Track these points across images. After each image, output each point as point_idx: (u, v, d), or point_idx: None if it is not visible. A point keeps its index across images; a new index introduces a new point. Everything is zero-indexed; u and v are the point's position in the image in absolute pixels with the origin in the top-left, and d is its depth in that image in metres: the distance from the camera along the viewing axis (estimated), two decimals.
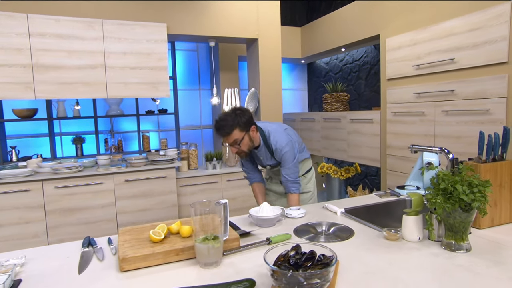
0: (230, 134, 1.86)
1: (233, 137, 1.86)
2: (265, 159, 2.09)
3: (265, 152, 2.06)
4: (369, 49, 4.33)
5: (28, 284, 1.09)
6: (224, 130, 1.85)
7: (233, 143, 1.88)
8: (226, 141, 1.90)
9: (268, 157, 2.07)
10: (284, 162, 2.00)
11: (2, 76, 2.83)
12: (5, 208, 2.80)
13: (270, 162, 2.09)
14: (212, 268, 1.16)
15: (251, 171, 2.23)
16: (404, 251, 1.23)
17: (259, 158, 2.12)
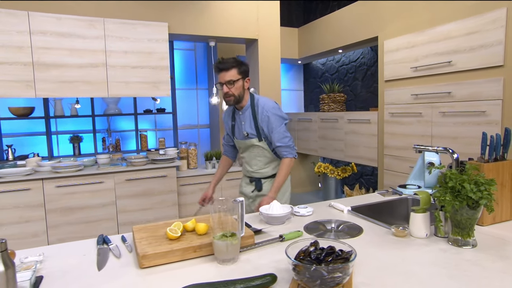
0: (228, 70, 1.87)
1: (230, 75, 1.88)
2: (245, 125, 2.04)
3: (248, 115, 2.02)
4: (366, 51, 4.40)
5: (50, 281, 1.10)
6: (224, 64, 1.87)
7: (228, 81, 1.88)
8: (222, 78, 1.89)
9: (250, 123, 2.02)
10: (271, 127, 1.97)
11: (2, 74, 2.80)
12: (5, 207, 2.78)
13: (249, 130, 2.03)
14: (230, 264, 1.19)
15: (229, 144, 2.28)
16: (413, 247, 1.28)
17: (240, 124, 2.07)
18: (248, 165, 2.14)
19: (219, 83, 1.93)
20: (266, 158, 2.09)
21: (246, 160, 2.14)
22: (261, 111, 1.98)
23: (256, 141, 2.04)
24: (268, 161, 2.11)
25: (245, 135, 2.05)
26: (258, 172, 2.12)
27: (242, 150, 2.15)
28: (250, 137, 2.05)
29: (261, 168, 2.12)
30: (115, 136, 4.30)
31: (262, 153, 2.08)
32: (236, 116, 2.09)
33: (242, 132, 2.07)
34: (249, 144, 2.06)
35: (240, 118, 2.06)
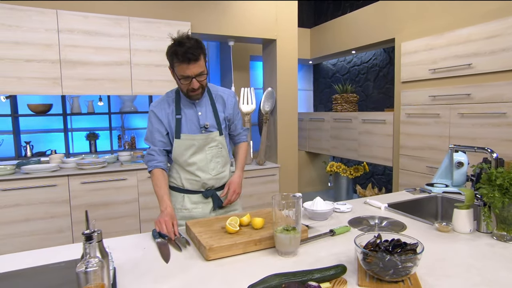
0: (198, 61, 1.48)
1: (200, 65, 1.50)
2: (203, 116, 1.67)
3: (205, 104, 1.69)
4: (378, 52, 4.47)
5: (123, 272, 1.15)
6: (196, 51, 1.45)
7: (199, 74, 1.51)
8: (190, 70, 1.48)
9: (209, 112, 1.69)
10: (236, 112, 1.80)
11: (30, 71, 2.83)
12: (32, 202, 2.81)
13: (209, 120, 1.68)
14: (292, 256, 1.24)
15: (159, 153, 1.67)
16: (461, 242, 1.35)
17: (193, 116, 1.66)
18: (202, 171, 1.69)
19: (182, 77, 1.51)
20: (223, 158, 1.75)
21: (200, 166, 1.68)
22: (223, 94, 1.74)
23: (217, 135, 1.70)
24: (225, 163, 1.78)
25: (205, 127, 1.66)
26: (216, 178, 1.73)
27: (193, 152, 1.67)
28: (210, 130, 1.68)
29: (219, 172, 1.74)
30: (129, 133, 4.33)
31: (219, 152, 1.72)
32: (185, 108, 1.65)
33: (199, 124, 1.66)
34: (208, 140, 1.68)
35: (195, 108, 1.66)
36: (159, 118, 1.64)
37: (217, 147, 1.71)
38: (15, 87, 2.83)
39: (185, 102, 1.66)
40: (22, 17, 2.78)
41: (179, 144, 1.65)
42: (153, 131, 1.66)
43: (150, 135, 1.68)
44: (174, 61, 1.49)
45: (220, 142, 1.71)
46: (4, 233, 2.76)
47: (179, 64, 1.47)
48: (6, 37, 2.76)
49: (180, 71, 1.50)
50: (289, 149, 3.99)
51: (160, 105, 1.66)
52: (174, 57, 1.47)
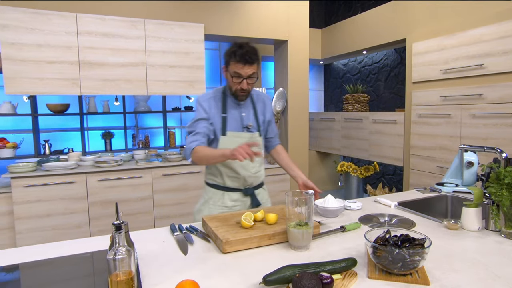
0: (253, 64, 1.61)
1: (253, 68, 1.63)
2: (246, 116, 1.79)
3: (248, 106, 1.81)
4: (389, 52, 4.48)
5: (146, 263, 1.22)
6: (253, 56, 1.60)
7: (252, 75, 1.64)
8: (244, 71, 1.61)
9: (251, 114, 1.81)
10: (271, 115, 1.90)
11: (51, 72, 2.95)
12: (52, 198, 2.93)
13: (250, 121, 1.80)
14: (304, 250, 1.30)
15: (203, 135, 1.70)
16: (469, 239, 1.38)
17: (238, 116, 1.77)
18: (243, 168, 1.77)
19: (236, 75, 1.63)
20: (260, 158, 1.85)
21: (242, 163, 1.74)
22: (264, 98, 1.87)
23: (257, 135, 1.80)
24: (261, 162, 1.88)
25: (248, 127, 1.77)
26: (255, 176, 1.82)
27: None
28: (251, 131, 1.78)
29: (258, 171, 1.84)
30: (143, 132, 4.44)
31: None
32: (230, 108, 1.76)
33: (242, 124, 1.77)
34: (251, 139, 1.78)
35: (240, 109, 1.78)
36: (206, 111, 1.72)
37: (258, 148, 1.76)
38: (38, 87, 2.95)
39: (230, 102, 1.76)
40: (44, 21, 2.90)
41: (225, 140, 1.73)
42: (199, 119, 1.72)
43: (194, 123, 1.73)
44: (231, 60, 1.61)
45: (259, 142, 1.81)
46: (27, 227, 2.88)
47: (235, 64, 1.60)
48: (30, 39, 2.88)
49: (234, 69, 1.61)
50: (300, 149, 4.03)
51: (209, 101, 1.75)
52: (232, 56, 1.60)
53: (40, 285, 1.09)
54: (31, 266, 1.19)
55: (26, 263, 1.21)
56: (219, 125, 1.73)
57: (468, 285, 1.02)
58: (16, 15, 2.82)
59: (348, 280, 1.05)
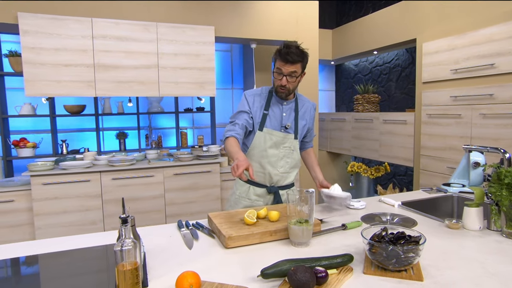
0: (296, 63, 1.71)
1: (295, 67, 1.72)
2: (286, 117, 1.87)
3: (290, 108, 1.89)
4: (401, 52, 4.46)
5: (152, 255, 1.29)
6: (295, 56, 1.70)
7: (290, 73, 1.73)
8: (285, 68, 1.72)
9: (291, 116, 1.89)
10: (312, 122, 2.00)
11: (68, 75, 3.07)
12: (68, 196, 3.05)
13: (289, 121, 1.87)
14: (304, 247, 1.34)
15: (241, 127, 1.81)
16: (469, 238, 1.40)
17: (278, 115, 1.87)
18: (271, 166, 1.86)
19: (277, 71, 1.76)
20: (293, 160, 1.92)
21: (271, 160, 1.85)
22: (309, 105, 1.97)
23: (292, 137, 1.88)
24: (293, 166, 1.94)
25: (286, 127, 1.86)
26: (282, 175, 1.89)
27: (270, 146, 1.85)
28: (288, 131, 1.87)
29: (286, 171, 1.91)
30: (156, 132, 4.55)
31: (291, 154, 1.89)
32: (273, 106, 1.87)
33: (281, 123, 1.86)
34: (285, 139, 1.86)
35: (282, 109, 1.87)
36: (249, 104, 1.85)
37: (289, 148, 1.88)
38: (55, 89, 3.08)
39: (274, 101, 1.87)
40: (61, 26, 3.02)
41: (260, 135, 1.84)
42: (241, 111, 1.85)
43: (237, 114, 1.86)
44: (277, 57, 1.75)
45: (292, 144, 1.89)
46: (45, 223, 3.01)
47: (279, 61, 1.74)
48: (48, 44, 3.01)
49: (277, 65, 1.75)
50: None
51: (254, 96, 1.88)
52: (278, 54, 1.74)
53: (58, 273, 1.18)
54: (49, 257, 1.28)
55: (44, 254, 1.30)
56: (258, 119, 1.85)
57: (462, 282, 1.04)
58: (35, 21, 2.96)
59: (343, 275, 1.09)
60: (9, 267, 1.24)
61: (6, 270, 1.23)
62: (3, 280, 1.15)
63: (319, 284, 1.01)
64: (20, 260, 1.27)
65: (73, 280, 1.12)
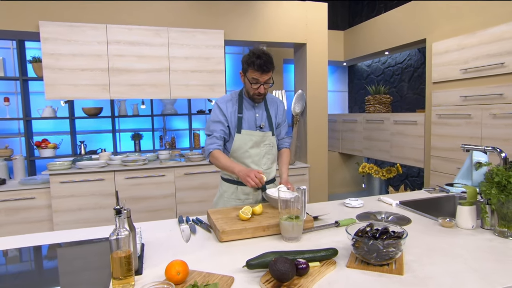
0: (269, 72, 1.80)
1: (269, 75, 1.82)
2: (260, 117, 1.95)
3: (261, 108, 1.98)
4: (413, 52, 4.42)
5: (151, 247, 1.37)
6: (269, 65, 1.78)
7: (267, 80, 1.82)
8: (262, 78, 1.79)
9: (264, 115, 1.97)
10: (284, 118, 2.07)
11: (85, 79, 3.24)
12: (84, 194, 3.20)
13: (263, 121, 1.96)
14: (295, 242, 1.39)
15: (219, 138, 1.90)
16: (460, 236, 1.41)
17: (252, 116, 1.94)
18: (255, 164, 1.93)
19: (254, 81, 1.81)
20: (273, 156, 2.01)
21: (254, 159, 1.93)
22: (277, 101, 2.05)
23: (270, 134, 1.97)
24: (273, 160, 2.03)
25: (261, 127, 1.94)
26: (266, 172, 1.95)
27: (251, 146, 1.92)
28: (264, 130, 1.95)
29: (269, 168, 1.99)
30: (170, 134, 4.69)
31: (271, 150, 1.98)
32: (246, 109, 1.94)
33: (256, 124, 1.94)
34: (264, 138, 1.94)
35: (254, 110, 1.95)
36: (223, 112, 1.91)
37: (269, 145, 1.97)
38: (73, 93, 3.25)
39: (246, 104, 1.95)
40: (78, 33, 3.19)
41: (240, 138, 1.91)
42: (216, 121, 1.91)
43: (212, 124, 1.92)
44: (250, 68, 1.80)
45: (271, 141, 1.98)
46: (63, 219, 3.17)
47: (254, 72, 1.79)
48: (66, 50, 3.18)
49: (252, 75, 1.80)
50: (319, 150, 4.09)
51: (227, 103, 1.93)
52: (252, 65, 1.78)
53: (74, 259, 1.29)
54: (65, 246, 1.40)
55: (59, 243, 1.42)
56: (234, 124, 1.92)
57: (440, 276, 1.07)
58: (55, 29, 3.14)
59: (326, 268, 1.13)
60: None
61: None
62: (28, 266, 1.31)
63: (300, 275, 1.06)
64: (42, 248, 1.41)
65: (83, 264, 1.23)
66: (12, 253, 1.38)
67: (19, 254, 1.39)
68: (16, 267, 1.31)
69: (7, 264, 1.31)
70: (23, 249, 1.41)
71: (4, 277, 1.21)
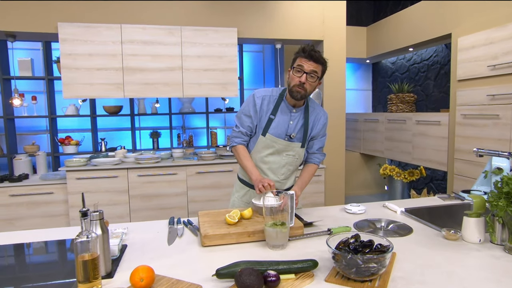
0: (318, 63, 1.64)
1: (317, 67, 1.64)
2: (293, 125, 1.77)
3: (299, 116, 1.78)
4: (440, 48, 4.16)
5: (132, 249, 1.36)
6: (318, 54, 1.64)
7: (312, 71, 1.63)
8: (307, 66, 1.62)
9: (299, 124, 1.78)
10: (321, 133, 1.85)
11: (100, 78, 3.32)
12: (99, 190, 3.29)
13: (295, 132, 1.77)
14: (279, 250, 1.32)
15: (244, 133, 1.82)
16: (462, 251, 1.28)
17: (285, 122, 1.76)
18: (272, 172, 1.82)
19: (298, 69, 1.64)
20: (295, 167, 1.87)
21: (272, 167, 1.81)
22: (319, 112, 1.83)
23: (298, 146, 1.79)
24: (294, 170, 1.89)
25: (291, 136, 1.77)
26: (281, 182, 1.85)
27: (271, 153, 1.79)
28: (293, 140, 1.78)
29: (286, 178, 1.86)
30: (188, 132, 4.72)
31: (294, 161, 1.82)
32: (281, 112, 1.77)
33: (286, 132, 1.77)
34: (289, 148, 1.78)
35: (290, 116, 1.77)
36: (256, 107, 1.77)
37: (294, 156, 1.80)
38: (89, 91, 3.34)
39: (283, 107, 1.77)
40: (94, 33, 3.27)
41: (263, 140, 1.77)
42: (246, 115, 1.80)
43: (242, 116, 1.81)
44: (299, 56, 1.67)
45: (298, 152, 1.81)
46: (77, 214, 3.27)
47: (301, 58, 1.65)
48: (83, 50, 3.27)
49: (299, 62, 1.65)
50: (336, 150, 3.95)
51: (262, 97, 1.78)
52: (301, 52, 1.65)
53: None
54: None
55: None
56: (263, 124, 1.77)
57: None
58: (72, 30, 3.23)
59: (301, 281, 1.06)
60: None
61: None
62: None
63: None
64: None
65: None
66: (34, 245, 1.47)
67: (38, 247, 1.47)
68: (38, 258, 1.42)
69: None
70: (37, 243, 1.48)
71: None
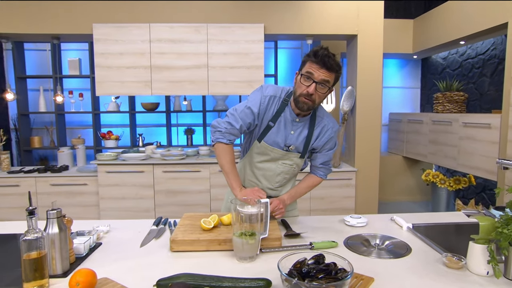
0: (331, 71, 1.42)
1: (329, 76, 1.43)
2: (295, 136, 1.59)
3: (303, 126, 1.59)
4: (499, 40, 3.65)
5: (104, 248, 1.35)
6: (332, 61, 1.41)
7: (323, 81, 1.42)
8: (318, 74, 1.41)
9: (302, 135, 1.59)
10: (327, 147, 1.64)
11: (130, 76, 3.45)
12: (126, 184, 3.43)
13: (297, 143, 1.59)
14: (247, 262, 1.22)
15: (240, 130, 1.56)
16: (462, 284, 1.07)
17: (285, 132, 1.58)
18: (266, 179, 1.66)
19: (307, 75, 1.43)
20: (291, 175, 1.70)
21: (266, 174, 1.65)
22: (326, 122, 1.62)
23: (296, 157, 1.63)
24: (291, 178, 1.72)
25: (288, 149, 1.60)
26: (276, 190, 1.70)
27: (266, 160, 1.63)
28: (292, 151, 1.61)
29: (281, 185, 1.70)
30: None
31: (291, 170, 1.66)
32: (283, 119, 1.57)
33: (285, 142, 1.59)
34: (285, 157, 1.62)
35: (292, 126, 1.58)
36: (260, 106, 1.56)
37: (291, 166, 1.65)
38: (119, 89, 3.49)
39: (286, 115, 1.57)
40: (125, 33, 3.40)
41: (256, 146, 1.61)
42: (249, 109, 1.55)
43: (243, 109, 1.56)
44: (309, 60, 1.45)
45: (296, 162, 1.65)
46: (107, 206, 3.44)
47: (311, 63, 1.43)
48: (114, 49, 3.42)
49: (308, 68, 1.44)
50: (370, 153, 3.67)
51: (270, 96, 1.57)
52: (312, 55, 1.43)
53: None
54: None
55: None
56: (261, 128, 1.59)
57: None
58: (105, 30, 3.39)
59: None
60: None
61: None
62: None
63: None
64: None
65: None
66: None
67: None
68: None
69: None
70: None
71: None
